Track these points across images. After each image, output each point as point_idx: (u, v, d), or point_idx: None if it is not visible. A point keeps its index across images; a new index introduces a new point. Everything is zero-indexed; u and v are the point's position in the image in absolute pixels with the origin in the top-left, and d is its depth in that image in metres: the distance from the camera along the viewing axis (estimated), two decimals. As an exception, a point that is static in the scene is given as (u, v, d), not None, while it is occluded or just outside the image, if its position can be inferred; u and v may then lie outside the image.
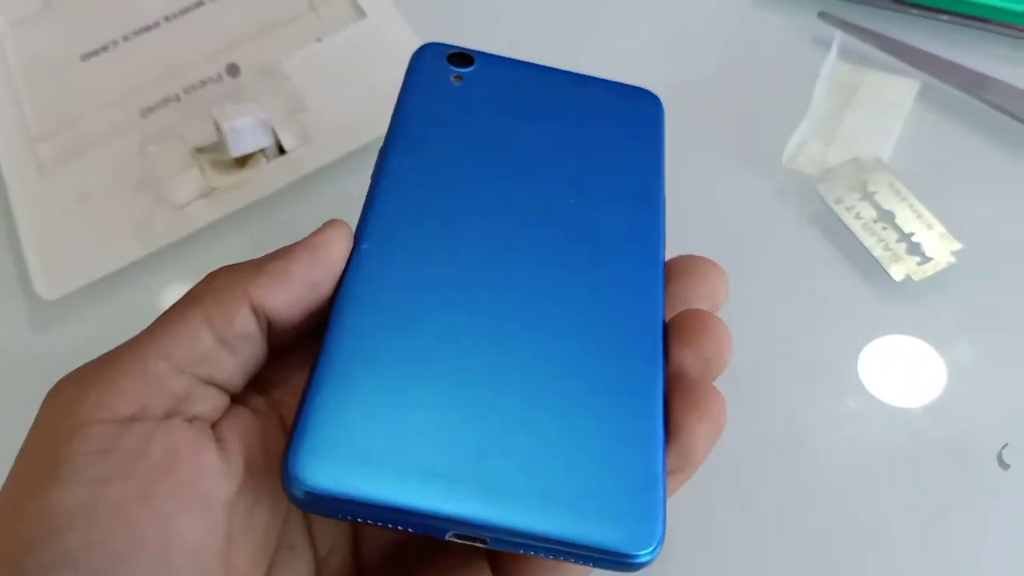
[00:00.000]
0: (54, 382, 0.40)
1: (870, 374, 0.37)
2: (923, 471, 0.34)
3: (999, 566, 0.33)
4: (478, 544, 0.20)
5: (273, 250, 0.24)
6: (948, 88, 0.43)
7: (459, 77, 0.31)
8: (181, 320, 0.21)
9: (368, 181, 0.44)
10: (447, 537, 0.20)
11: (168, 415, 0.20)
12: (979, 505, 0.34)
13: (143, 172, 0.43)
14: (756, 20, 0.47)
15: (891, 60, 0.44)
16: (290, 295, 0.22)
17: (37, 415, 0.20)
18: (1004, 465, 0.34)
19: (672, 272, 0.27)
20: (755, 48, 0.46)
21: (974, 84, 0.42)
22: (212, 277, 0.23)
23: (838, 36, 0.45)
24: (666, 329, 0.25)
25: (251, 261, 0.23)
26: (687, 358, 0.24)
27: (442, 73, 0.32)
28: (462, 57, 0.32)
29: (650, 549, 0.21)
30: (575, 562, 0.21)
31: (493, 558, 0.24)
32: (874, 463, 0.35)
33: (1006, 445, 0.34)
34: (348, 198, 0.44)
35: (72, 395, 0.20)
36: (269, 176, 0.42)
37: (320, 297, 0.23)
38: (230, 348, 0.21)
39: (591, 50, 0.47)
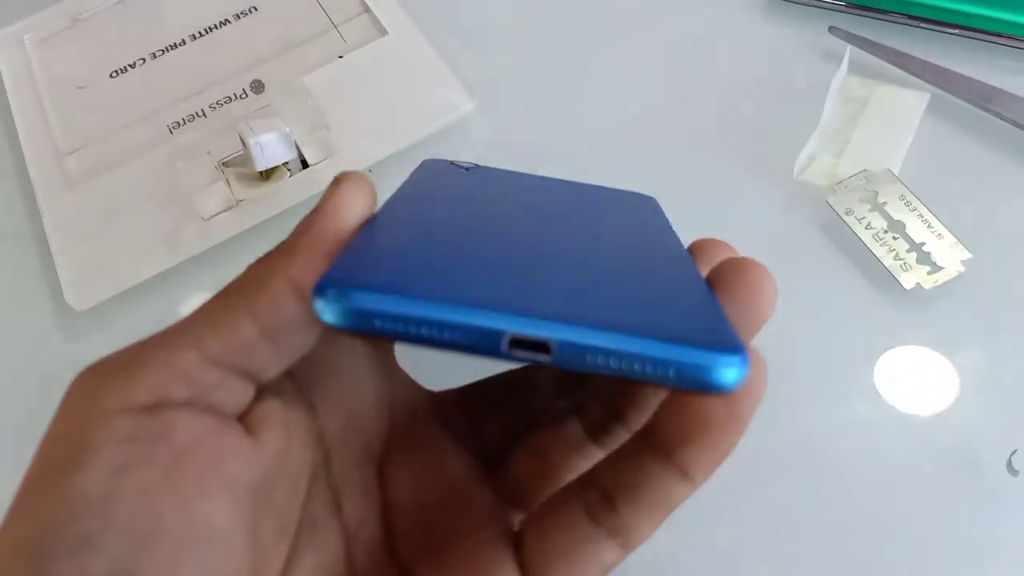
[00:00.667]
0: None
1: (883, 382, 0.37)
2: (934, 477, 0.35)
3: (1009, 572, 0.33)
4: (540, 359, 0.18)
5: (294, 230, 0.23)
6: (957, 100, 0.44)
7: (461, 168, 0.32)
8: (222, 308, 0.21)
9: (389, 191, 0.45)
10: (504, 349, 0.18)
11: (191, 403, 0.20)
12: (989, 511, 0.34)
13: (170, 186, 0.44)
14: (767, 34, 0.48)
15: (901, 73, 0.45)
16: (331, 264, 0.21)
17: (61, 403, 0.20)
18: (1013, 471, 0.34)
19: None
20: (766, 61, 0.47)
21: (983, 97, 0.43)
22: (256, 266, 0.22)
23: (848, 50, 0.45)
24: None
25: (280, 245, 0.22)
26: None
27: (447, 167, 0.31)
28: (466, 165, 0.32)
29: (738, 362, 0.18)
30: (647, 381, 0.18)
31: (519, 547, 0.23)
32: (886, 469, 0.35)
33: (1015, 451, 0.35)
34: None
35: (96, 384, 0.20)
36: (293, 189, 0.43)
37: None
38: (274, 339, 0.21)
39: (602, 61, 0.48)
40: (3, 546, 0.18)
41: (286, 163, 0.44)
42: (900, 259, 0.39)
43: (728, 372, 0.17)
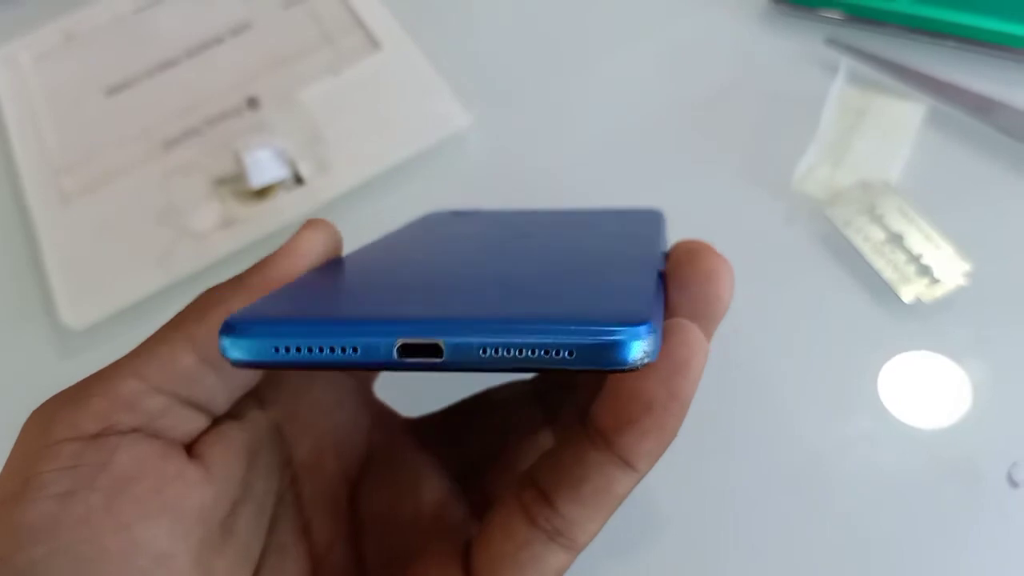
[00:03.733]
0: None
1: (883, 395, 0.37)
2: (935, 489, 0.35)
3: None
4: (435, 362, 0.17)
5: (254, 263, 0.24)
6: (955, 112, 0.44)
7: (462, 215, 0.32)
8: (162, 340, 0.21)
9: (384, 208, 0.45)
10: (395, 357, 0.17)
11: (136, 430, 0.20)
12: (989, 523, 0.34)
13: (165, 203, 0.44)
14: (764, 45, 0.48)
15: (898, 85, 0.45)
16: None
17: (17, 438, 0.21)
18: (1014, 483, 0.34)
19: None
20: (763, 73, 0.47)
21: (980, 108, 0.43)
22: (198, 299, 0.23)
23: (844, 61, 0.45)
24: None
25: (234, 277, 0.23)
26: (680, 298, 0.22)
27: (444, 218, 0.32)
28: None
29: (635, 333, 0.17)
30: (553, 367, 0.17)
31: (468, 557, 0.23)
32: (886, 482, 0.35)
33: (1015, 463, 0.34)
34: (365, 226, 0.45)
35: (46, 417, 0.20)
36: (288, 206, 0.43)
37: None
38: (215, 368, 0.21)
39: (598, 73, 0.48)
40: None
41: (281, 180, 0.43)
42: (899, 271, 0.39)
43: (626, 345, 0.16)
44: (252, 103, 0.47)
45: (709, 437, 0.37)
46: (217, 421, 0.22)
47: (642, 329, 0.17)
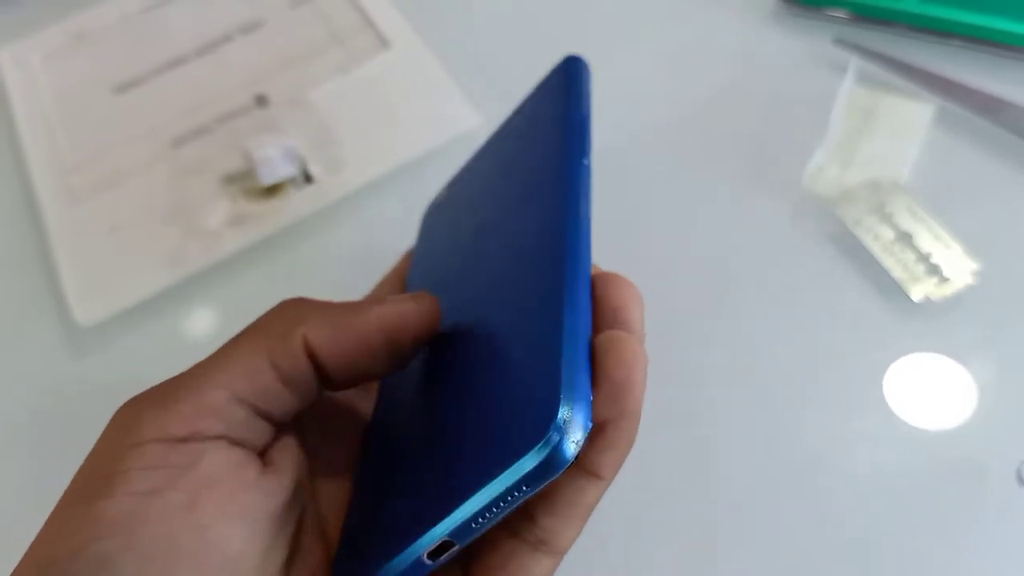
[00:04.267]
0: (91, 405, 0.41)
1: (892, 394, 0.37)
2: (943, 489, 0.35)
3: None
4: (454, 549, 0.20)
5: (360, 299, 0.25)
6: (963, 111, 0.44)
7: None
8: (245, 352, 0.22)
9: (393, 206, 0.45)
10: (427, 559, 0.21)
11: (219, 438, 0.21)
12: (998, 522, 0.34)
13: (174, 201, 0.44)
14: (772, 45, 0.48)
15: (907, 84, 0.45)
16: (347, 358, 0.23)
17: (102, 433, 0.21)
18: (1022, 481, 0.34)
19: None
20: (771, 73, 0.47)
21: (988, 108, 0.43)
22: (283, 310, 0.24)
23: (854, 61, 0.45)
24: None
25: (326, 305, 0.24)
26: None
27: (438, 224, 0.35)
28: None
29: (557, 443, 0.18)
30: (517, 501, 0.19)
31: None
32: (894, 481, 0.35)
33: (1023, 462, 0.34)
34: (374, 224, 0.45)
35: (133, 416, 0.21)
36: (297, 204, 0.43)
37: (376, 368, 0.24)
38: (291, 386, 0.23)
39: (606, 73, 0.48)
40: (25, 569, 0.19)
41: (291, 178, 0.44)
42: (908, 270, 0.39)
43: (555, 459, 0.18)
44: (261, 101, 0.48)
45: (713, 435, 0.37)
46: (277, 433, 0.24)
47: (560, 438, 0.18)
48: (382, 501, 0.24)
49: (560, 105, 0.28)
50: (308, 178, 0.44)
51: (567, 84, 0.29)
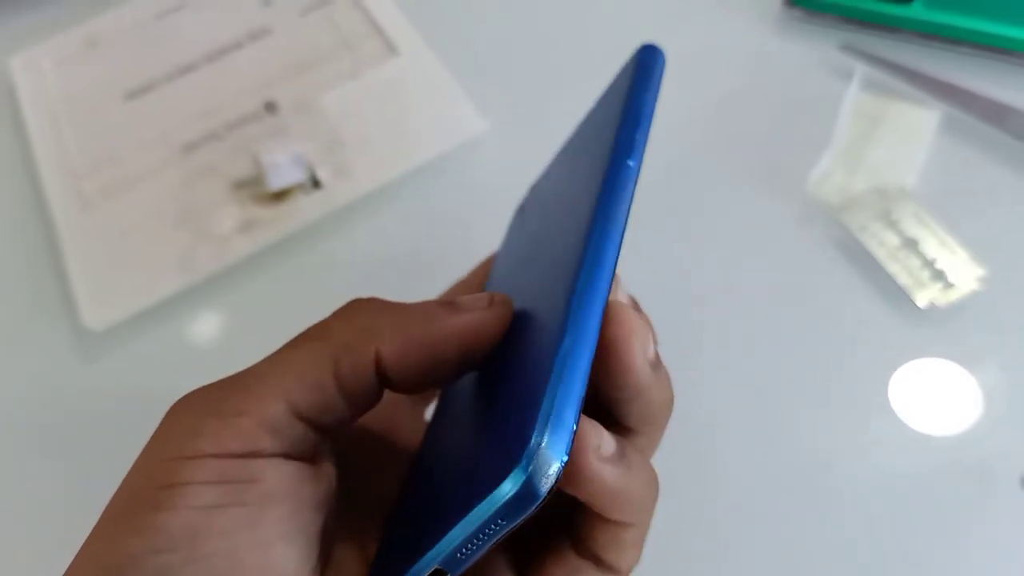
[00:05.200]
0: (100, 409, 0.41)
1: (897, 400, 0.37)
2: (947, 494, 0.35)
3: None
4: None
5: (427, 300, 0.23)
6: (969, 118, 0.44)
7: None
8: (313, 361, 0.21)
9: (401, 212, 0.45)
10: None
11: (277, 454, 0.21)
12: (1003, 528, 0.34)
13: (184, 206, 0.44)
14: (778, 51, 0.48)
15: (912, 91, 0.45)
16: (416, 371, 0.22)
17: (157, 430, 0.21)
18: (1030, 488, 0.34)
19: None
20: (777, 79, 0.47)
21: (995, 114, 0.43)
22: (355, 316, 0.22)
23: (859, 67, 0.45)
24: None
25: (400, 313, 0.22)
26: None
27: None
28: None
29: (515, 473, 0.17)
30: (501, 531, 0.19)
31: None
32: (899, 485, 0.35)
33: (1033, 469, 0.34)
34: (382, 230, 0.45)
35: (190, 425, 0.20)
36: (306, 209, 0.44)
37: (443, 378, 0.23)
38: (351, 400, 0.22)
39: (611, 76, 0.48)
40: (83, 565, 0.19)
41: (300, 183, 0.44)
42: (913, 276, 0.39)
43: (525, 490, 0.17)
44: (270, 107, 0.48)
45: (717, 439, 0.37)
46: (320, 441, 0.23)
47: (530, 472, 0.17)
48: (400, 523, 0.23)
49: (619, 99, 0.26)
50: (316, 183, 0.45)
51: (632, 77, 0.27)
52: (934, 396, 0.37)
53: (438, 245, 0.44)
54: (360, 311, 0.22)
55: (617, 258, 0.21)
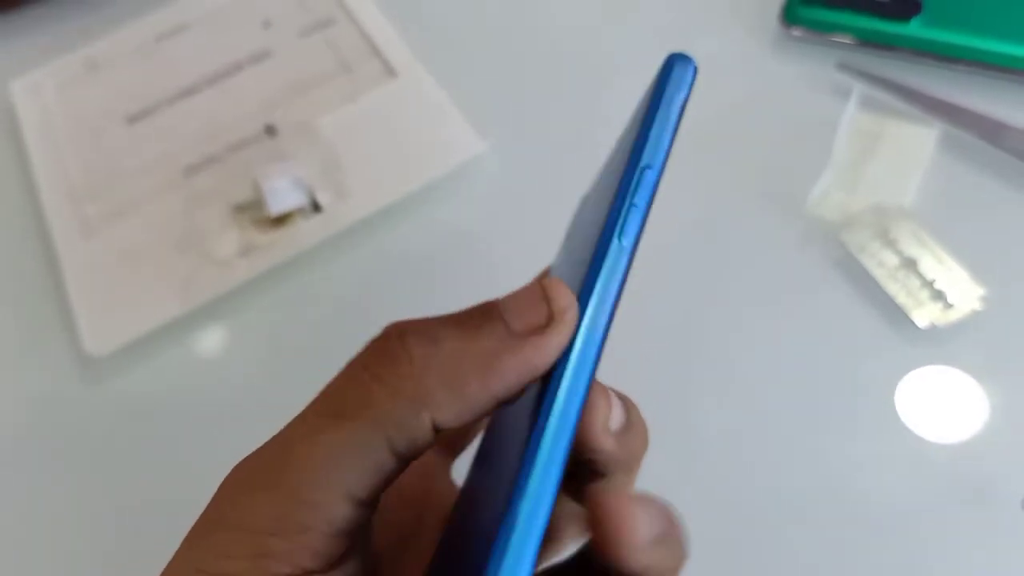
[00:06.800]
0: (104, 435, 0.41)
1: (898, 419, 0.37)
2: (947, 514, 0.35)
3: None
4: None
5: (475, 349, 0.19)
6: (967, 136, 0.44)
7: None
8: (365, 448, 0.19)
9: (401, 234, 0.45)
10: None
11: (339, 554, 0.19)
12: (1002, 548, 0.34)
13: (185, 230, 0.45)
14: (776, 70, 0.48)
15: (910, 109, 0.45)
16: (470, 422, 0.19)
17: (209, 507, 0.20)
18: (1031, 510, 0.34)
19: None
20: (775, 98, 0.48)
21: (992, 132, 0.43)
22: (396, 380, 0.19)
23: (857, 86, 0.46)
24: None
25: (451, 369, 0.19)
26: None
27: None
28: None
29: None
30: None
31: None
32: (900, 503, 0.35)
33: (1033, 490, 0.34)
34: (382, 252, 0.46)
35: (247, 502, 0.19)
36: (306, 233, 0.44)
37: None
38: (404, 466, 0.19)
39: (612, 100, 0.49)
40: None
41: (300, 207, 0.44)
42: (912, 296, 0.39)
43: None
44: (270, 131, 0.48)
45: (714, 459, 0.37)
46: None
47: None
48: None
49: (639, 116, 0.24)
50: (317, 207, 0.45)
51: (657, 91, 0.24)
52: (935, 416, 0.37)
53: (440, 266, 0.44)
54: (402, 368, 0.19)
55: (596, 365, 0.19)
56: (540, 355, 0.19)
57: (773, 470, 0.37)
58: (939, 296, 0.39)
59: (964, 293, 0.39)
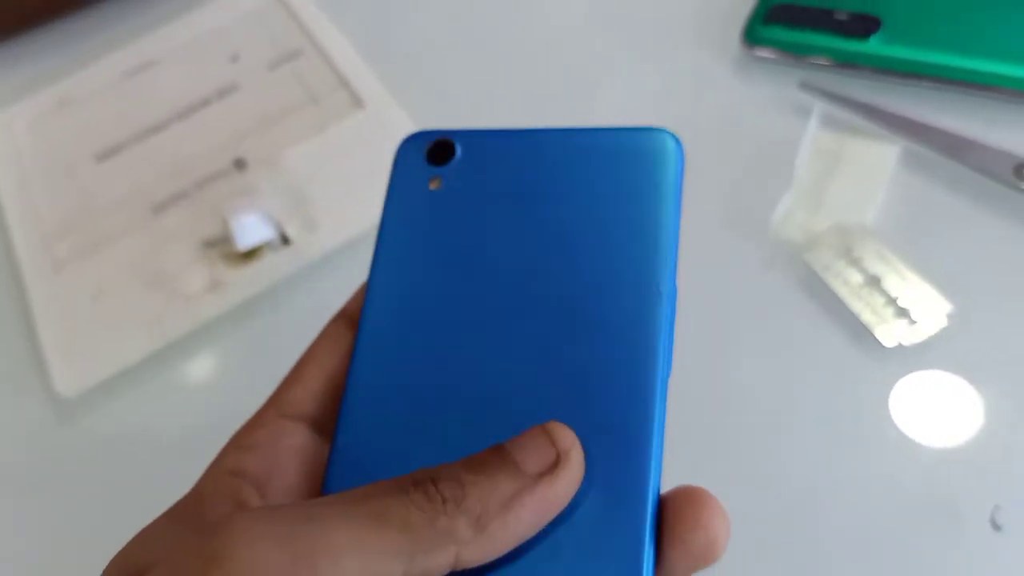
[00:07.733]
0: (79, 473, 0.41)
1: (866, 438, 0.37)
2: (918, 531, 0.35)
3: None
4: None
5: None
6: (929, 152, 0.44)
7: (438, 181, 0.30)
8: (393, 554, 0.19)
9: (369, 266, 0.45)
10: None
11: None
12: (972, 567, 0.34)
13: (155, 267, 0.45)
14: (737, 90, 0.49)
15: (871, 126, 0.45)
16: (495, 557, 0.21)
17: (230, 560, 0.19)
18: (996, 527, 0.34)
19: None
20: (737, 118, 0.48)
21: (954, 147, 0.43)
22: (431, 511, 0.20)
23: (818, 105, 0.46)
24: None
25: (468, 497, 0.20)
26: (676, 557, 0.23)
27: (421, 180, 0.30)
28: (443, 148, 0.31)
29: None
30: None
31: None
32: (868, 525, 0.35)
33: (997, 507, 0.35)
34: (352, 283, 0.45)
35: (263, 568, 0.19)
36: (275, 267, 0.44)
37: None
38: None
39: (578, 119, 0.49)
40: None
41: (268, 241, 0.44)
42: (876, 314, 0.39)
43: None
44: (239, 164, 0.48)
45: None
46: None
47: None
48: None
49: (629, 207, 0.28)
50: (286, 240, 0.45)
51: (650, 181, 0.28)
52: (901, 434, 0.37)
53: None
54: (437, 506, 0.20)
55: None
56: (555, 492, 0.21)
57: (738, 492, 0.37)
58: (903, 313, 0.39)
59: (930, 310, 0.39)
